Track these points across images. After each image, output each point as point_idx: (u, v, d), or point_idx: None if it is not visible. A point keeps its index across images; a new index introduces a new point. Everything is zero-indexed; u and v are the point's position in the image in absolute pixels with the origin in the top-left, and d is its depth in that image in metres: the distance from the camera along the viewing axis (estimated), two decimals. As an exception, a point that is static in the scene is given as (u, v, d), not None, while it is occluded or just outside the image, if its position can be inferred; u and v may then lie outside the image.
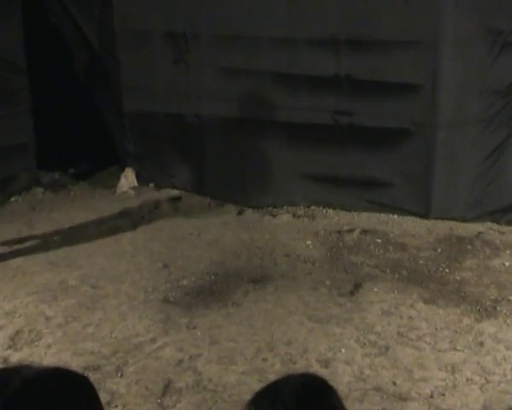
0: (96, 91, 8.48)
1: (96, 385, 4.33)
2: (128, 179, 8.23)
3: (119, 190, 8.19)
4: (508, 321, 5.14)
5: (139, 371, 4.53)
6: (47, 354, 4.71)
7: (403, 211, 7.25)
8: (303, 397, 1.28)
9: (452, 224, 6.98)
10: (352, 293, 5.62)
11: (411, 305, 5.42)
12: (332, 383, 1.44)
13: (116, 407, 4.16)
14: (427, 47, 6.79)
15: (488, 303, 5.41)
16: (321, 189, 7.53)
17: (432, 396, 4.25)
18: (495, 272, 5.98)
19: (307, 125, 7.36)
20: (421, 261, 6.24)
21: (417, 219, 7.14)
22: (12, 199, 7.83)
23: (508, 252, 6.38)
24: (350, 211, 7.42)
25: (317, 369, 4.46)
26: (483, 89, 6.75)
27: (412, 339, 4.92)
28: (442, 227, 6.95)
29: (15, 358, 4.59)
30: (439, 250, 6.43)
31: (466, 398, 4.23)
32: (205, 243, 6.72)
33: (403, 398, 4.23)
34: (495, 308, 5.33)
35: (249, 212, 7.42)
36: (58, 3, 8.23)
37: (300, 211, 7.46)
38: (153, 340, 4.92)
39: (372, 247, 6.56)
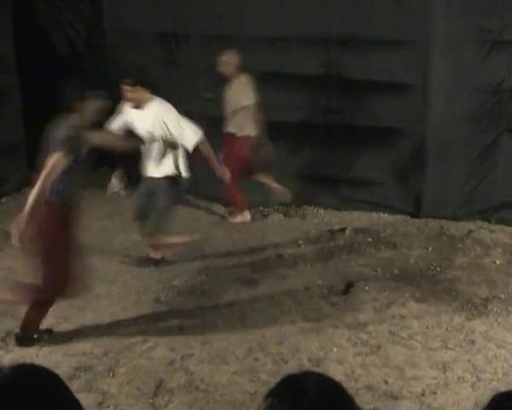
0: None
1: (87, 386, 4.27)
2: (119, 180, 8.22)
3: (110, 190, 8.18)
4: (499, 319, 5.16)
5: (131, 371, 4.52)
6: (38, 355, 4.69)
7: (394, 210, 7.27)
8: (326, 393, 1.28)
9: (443, 222, 7.01)
10: (343, 292, 5.63)
11: (403, 304, 5.43)
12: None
13: (108, 407, 4.14)
14: (418, 46, 6.81)
15: (479, 302, 5.43)
16: (312, 188, 7.53)
17: (423, 395, 4.26)
18: (486, 270, 6.01)
19: (298, 124, 7.36)
20: (412, 260, 6.25)
21: (408, 218, 7.16)
22: (3, 200, 7.79)
23: (498, 250, 6.40)
24: (341, 210, 7.44)
25: (308, 368, 4.46)
26: (473, 88, 6.77)
27: (404, 338, 4.93)
28: (433, 226, 6.97)
29: (7, 359, 4.56)
30: (430, 249, 6.45)
31: (457, 396, 4.25)
32: (196, 242, 6.70)
33: (394, 397, 4.24)
34: (486, 307, 5.36)
35: (241, 211, 7.41)
36: (48, 3, 8.20)
37: (292, 210, 7.47)
38: (144, 340, 4.91)
39: (363, 246, 6.57)
